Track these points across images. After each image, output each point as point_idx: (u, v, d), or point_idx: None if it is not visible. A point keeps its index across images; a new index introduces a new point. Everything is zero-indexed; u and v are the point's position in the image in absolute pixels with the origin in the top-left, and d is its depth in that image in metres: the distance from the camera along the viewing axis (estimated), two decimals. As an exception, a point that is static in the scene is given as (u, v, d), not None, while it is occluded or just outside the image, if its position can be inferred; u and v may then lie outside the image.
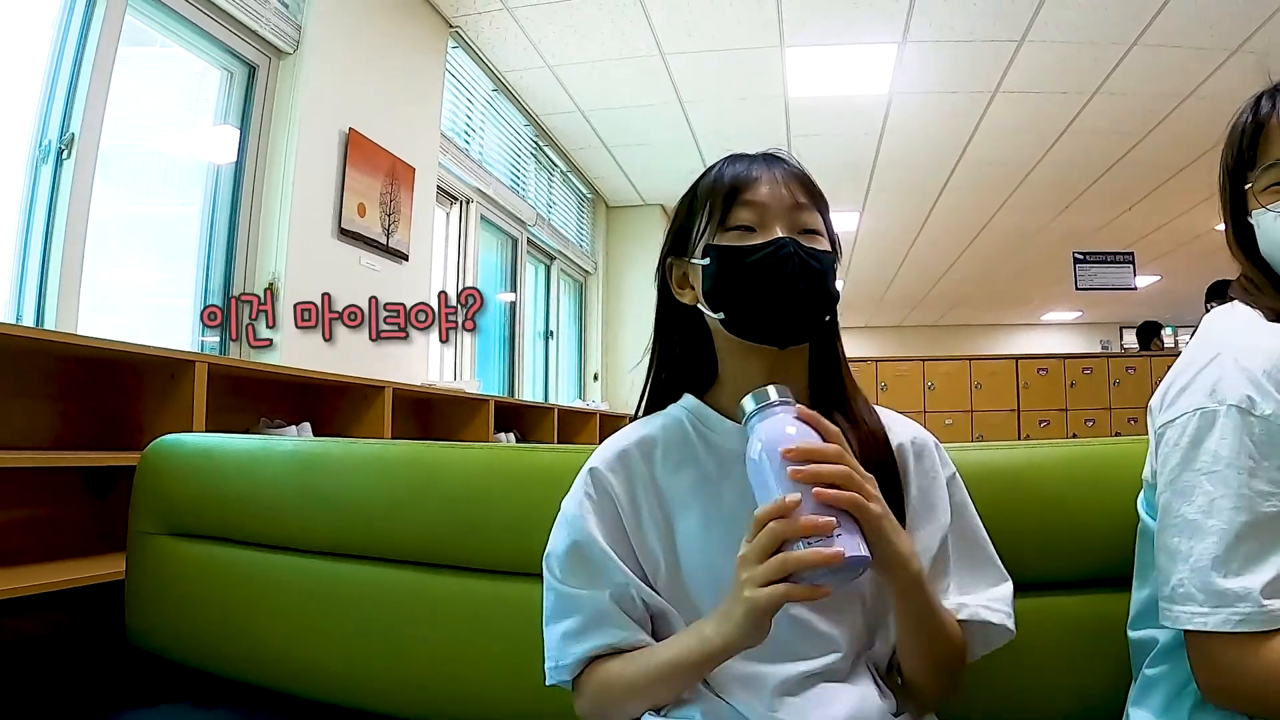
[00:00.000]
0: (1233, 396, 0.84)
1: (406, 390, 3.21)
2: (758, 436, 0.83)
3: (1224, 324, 0.95)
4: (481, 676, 1.23)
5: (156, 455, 1.55)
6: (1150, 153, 5.73)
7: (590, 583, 0.94)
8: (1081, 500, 1.11)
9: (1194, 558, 0.83)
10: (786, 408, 0.84)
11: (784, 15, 4.08)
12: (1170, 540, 0.86)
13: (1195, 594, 0.82)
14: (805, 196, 0.98)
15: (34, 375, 2.06)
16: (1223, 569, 0.81)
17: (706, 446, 0.99)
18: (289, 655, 1.37)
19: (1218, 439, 0.84)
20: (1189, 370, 0.90)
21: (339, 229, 3.33)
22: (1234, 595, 0.80)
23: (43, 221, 2.29)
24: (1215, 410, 0.85)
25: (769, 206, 0.96)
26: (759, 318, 0.95)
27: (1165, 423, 0.90)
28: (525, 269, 5.78)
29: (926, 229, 7.87)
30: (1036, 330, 13.38)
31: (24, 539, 2.00)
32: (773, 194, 0.97)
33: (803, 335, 0.97)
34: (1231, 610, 0.80)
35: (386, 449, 1.44)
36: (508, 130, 5.31)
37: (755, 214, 0.96)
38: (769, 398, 0.84)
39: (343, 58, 3.38)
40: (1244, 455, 0.82)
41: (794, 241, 0.94)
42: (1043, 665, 1.10)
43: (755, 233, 0.96)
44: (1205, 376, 0.87)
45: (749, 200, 0.97)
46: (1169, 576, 0.85)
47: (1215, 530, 0.82)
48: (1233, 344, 0.88)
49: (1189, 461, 0.86)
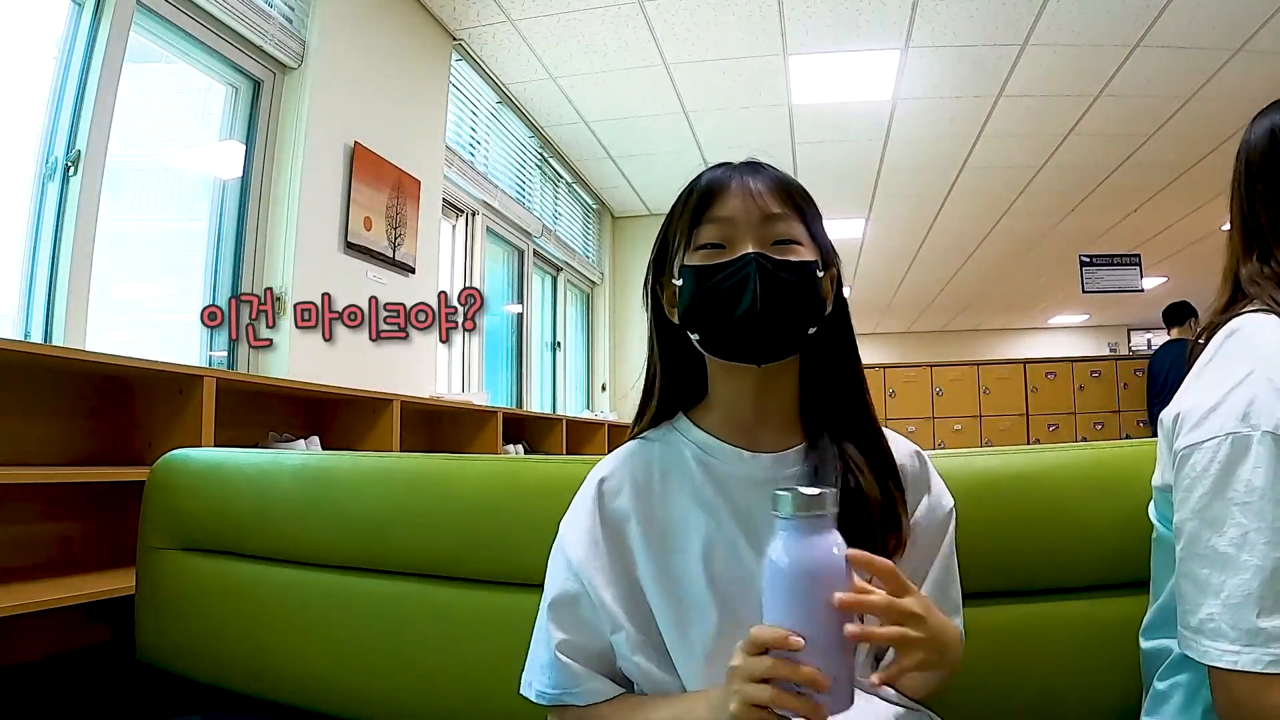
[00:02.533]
0: (1268, 422, 0.80)
1: (414, 403, 3.21)
2: (792, 548, 0.72)
3: (1257, 335, 0.89)
4: (493, 688, 1.22)
5: (166, 470, 1.56)
6: (1155, 154, 5.72)
7: (583, 634, 0.95)
8: (1091, 505, 1.10)
9: (1225, 593, 0.80)
10: (828, 528, 0.73)
11: (786, 23, 4.09)
12: (1199, 571, 0.83)
13: (1227, 631, 0.79)
14: (780, 205, 0.95)
15: (42, 392, 2.06)
16: (1257, 607, 0.78)
17: (705, 472, 0.97)
18: (300, 669, 1.37)
19: (1251, 468, 0.80)
20: (1218, 387, 0.86)
21: (345, 242, 3.34)
22: (1267, 635, 0.77)
23: (50, 238, 2.29)
24: (1249, 436, 0.81)
25: (736, 220, 0.94)
26: (727, 338, 0.93)
27: (1192, 444, 0.85)
28: (532, 280, 5.79)
29: (932, 234, 7.86)
30: (1044, 334, 13.34)
31: (33, 555, 2.00)
32: (742, 207, 0.94)
33: (776, 352, 0.93)
34: (1264, 650, 0.77)
35: (395, 462, 1.44)
36: (513, 142, 5.33)
37: (722, 230, 0.94)
38: (816, 508, 0.72)
39: (347, 72, 3.39)
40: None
41: (760, 257, 0.91)
42: (1052, 670, 1.09)
43: (724, 250, 0.93)
44: (1237, 397, 0.83)
45: (717, 216, 0.94)
46: (1196, 608, 0.83)
47: (1249, 566, 0.79)
48: (1268, 359, 0.84)
49: (1220, 490, 0.82)
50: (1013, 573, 1.11)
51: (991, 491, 1.12)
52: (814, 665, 0.69)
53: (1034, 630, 1.10)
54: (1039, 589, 1.11)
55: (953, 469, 1.07)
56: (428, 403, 3.46)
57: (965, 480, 1.06)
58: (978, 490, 1.09)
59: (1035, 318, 12.90)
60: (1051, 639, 1.09)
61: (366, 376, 3.06)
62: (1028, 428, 8.44)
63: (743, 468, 0.95)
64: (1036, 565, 1.11)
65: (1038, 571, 1.11)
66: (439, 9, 4.00)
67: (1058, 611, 1.10)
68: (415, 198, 3.81)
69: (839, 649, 0.71)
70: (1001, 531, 1.10)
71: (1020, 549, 1.10)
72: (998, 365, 8.83)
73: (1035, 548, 1.10)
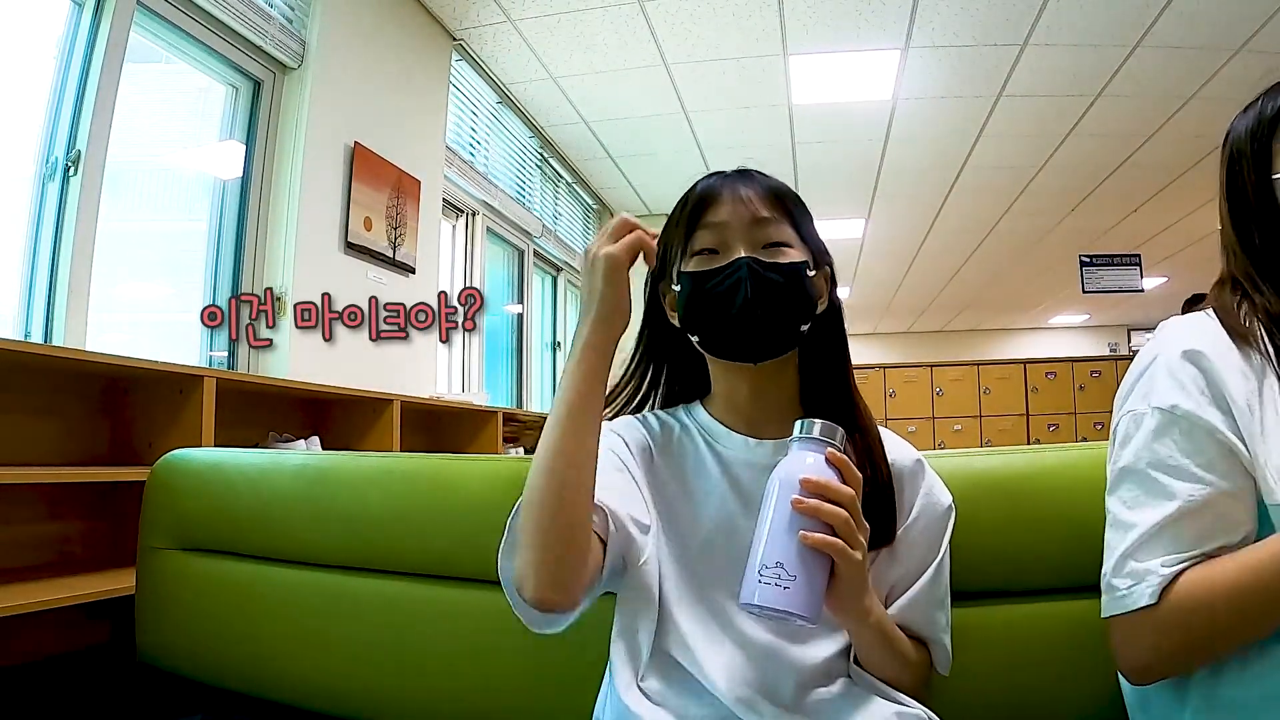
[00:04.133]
0: (1158, 399, 0.89)
1: (415, 403, 3.21)
2: (786, 460, 0.85)
3: (1167, 329, 0.96)
4: (495, 687, 1.23)
5: (166, 470, 1.55)
6: (1155, 154, 5.72)
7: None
8: (1091, 505, 1.09)
9: (1113, 551, 0.88)
10: (821, 445, 0.85)
11: (787, 23, 4.09)
12: (1105, 536, 0.91)
13: (1113, 583, 0.87)
14: (769, 209, 1.00)
15: (42, 392, 2.06)
16: (1134, 556, 0.86)
17: (711, 451, 1.03)
18: (300, 669, 1.37)
19: (1140, 439, 0.89)
20: (1131, 377, 0.95)
21: (345, 243, 3.34)
22: (1142, 572, 0.84)
23: (50, 238, 2.30)
24: (1143, 413, 0.90)
25: (729, 225, 0.99)
26: (723, 340, 0.99)
27: (1112, 427, 0.95)
28: (532, 280, 5.79)
29: (932, 234, 7.86)
30: (1044, 334, 13.34)
31: (34, 555, 2.00)
32: (734, 212, 0.99)
33: (770, 351, 0.98)
34: (1143, 585, 0.84)
35: (396, 462, 1.44)
36: (513, 142, 5.33)
37: (716, 235, 0.99)
38: (811, 431, 0.85)
39: (347, 72, 3.39)
40: (1166, 454, 0.86)
41: (751, 261, 0.96)
42: (1052, 670, 1.09)
43: (718, 255, 0.99)
44: (1142, 381, 0.93)
45: (710, 222, 1.00)
46: (1102, 572, 0.91)
47: (1136, 523, 0.87)
48: (1167, 345, 0.92)
49: (1117, 461, 0.92)
50: (1013, 573, 1.11)
51: (991, 491, 1.11)
52: (778, 559, 0.80)
53: (1034, 630, 1.10)
54: (1039, 589, 1.11)
55: (953, 469, 1.07)
56: (428, 403, 3.46)
57: (965, 480, 1.06)
58: (978, 490, 1.09)
59: (1035, 318, 12.90)
60: (1051, 639, 1.09)
61: (366, 376, 3.06)
62: (1028, 428, 8.45)
63: (747, 453, 1.01)
64: (1036, 565, 1.11)
65: (1038, 571, 1.11)
66: (439, 9, 4.00)
67: (1057, 611, 1.10)
68: (415, 198, 3.81)
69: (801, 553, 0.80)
70: (1001, 531, 1.09)
71: (1020, 549, 1.10)
72: (998, 365, 8.85)
73: (1035, 548, 1.10)
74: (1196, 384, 0.87)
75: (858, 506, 0.82)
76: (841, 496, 0.81)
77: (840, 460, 0.84)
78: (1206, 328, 0.93)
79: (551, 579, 0.86)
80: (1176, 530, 0.84)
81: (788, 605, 0.79)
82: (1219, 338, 0.91)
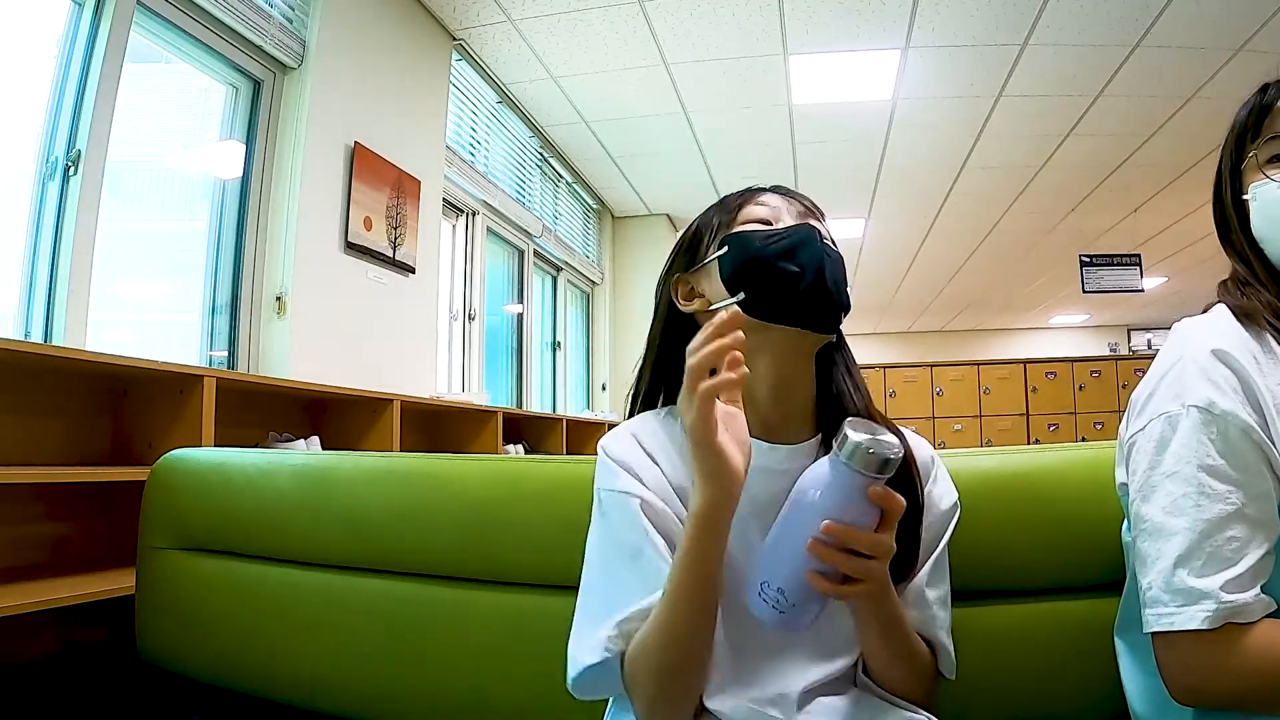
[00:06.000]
0: (1193, 398, 0.85)
1: (415, 403, 3.21)
2: (816, 472, 0.80)
3: (1187, 327, 0.94)
4: (494, 688, 1.23)
5: (166, 470, 1.56)
6: (1155, 154, 5.72)
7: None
8: (1091, 505, 1.10)
9: (1161, 560, 0.84)
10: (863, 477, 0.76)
11: (787, 23, 4.09)
12: (1142, 546, 0.87)
13: (1162, 596, 0.83)
14: (815, 211, 1.02)
15: (42, 391, 2.06)
16: (1186, 567, 0.82)
17: None
18: (300, 669, 1.37)
19: (1180, 441, 0.85)
20: (1154, 378, 0.91)
21: (346, 243, 3.34)
22: (1198, 593, 0.80)
23: (50, 238, 2.30)
24: (1178, 414, 0.86)
25: (781, 209, 0.99)
26: (790, 293, 0.92)
27: (1136, 431, 0.90)
28: (532, 280, 5.79)
29: (932, 234, 7.86)
30: (1044, 334, 13.35)
31: (34, 555, 2.00)
32: (783, 202, 1.00)
33: (830, 320, 0.94)
34: (1197, 608, 0.80)
35: (396, 462, 1.44)
36: (513, 142, 5.33)
37: (769, 212, 0.99)
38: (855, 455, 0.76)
39: (347, 72, 3.39)
40: (1204, 454, 0.83)
41: (821, 232, 0.96)
42: (1052, 670, 1.10)
43: (771, 226, 0.98)
44: (1169, 381, 0.89)
45: (761, 203, 1.00)
46: (1143, 583, 0.86)
47: (1179, 530, 0.83)
48: (1193, 344, 0.89)
49: (1154, 466, 0.87)
50: (1013, 573, 1.11)
51: (991, 491, 1.12)
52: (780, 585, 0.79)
53: (1034, 630, 1.10)
54: (1039, 589, 1.11)
55: (953, 469, 1.07)
56: (428, 403, 3.46)
57: (965, 480, 1.06)
58: (978, 490, 1.09)
59: (1035, 318, 12.90)
60: (1051, 639, 1.09)
61: (366, 376, 3.06)
62: (1028, 428, 8.45)
63: (761, 459, 0.93)
64: (1036, 565, 1.11)
65: (1038, 571, 1.11)
66: (439, 9, 4.00)
67: (1057, 611, 1.10)
68: (415, 197, 3.81)
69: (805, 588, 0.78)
70: (1001, 531, 1.10)
71: (1020, 549, 1.10)
72: (998, 365, 8.85)
73: (1035, 548, 1.10)
74: (1230, 383, 0.85)
75: (889, 552, 0.79)
76: (875, 549, 0.77)
77: (883, 498, 0.77)
78: (1225, 325, 0.92)
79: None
80: (1224, 538, 0.81)
81: (780, 628, 0.80)
82: (1241, 335, 0.90)
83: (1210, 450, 0.83)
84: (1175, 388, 0.87)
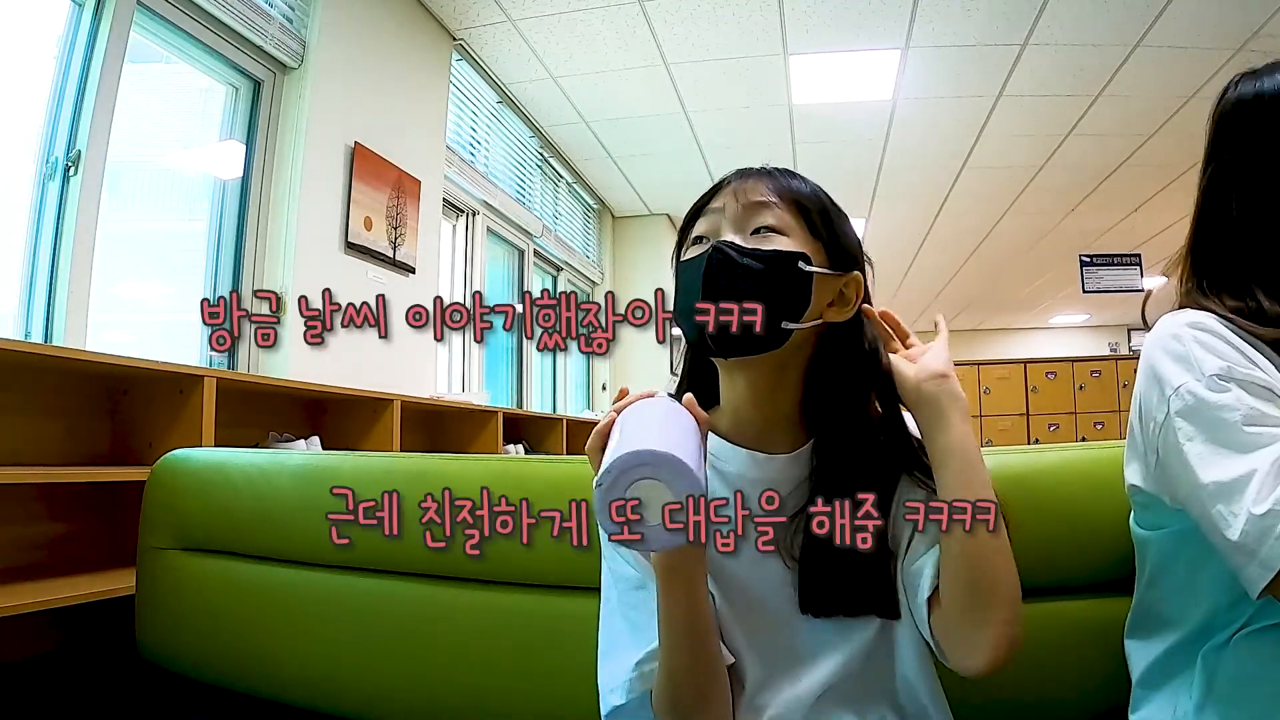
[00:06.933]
0: (1210, 367, 0.82)
1: (415, 403, 3.21)
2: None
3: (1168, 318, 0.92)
4: (494, 687, 1.23)
5: (166, 470, 1.56)
6: (1155, 154, 5.72)
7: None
8: (1091, 505, 1.10)
9: (1241, 515, 0.75)
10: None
11: (787, 23, 4.09)
12: (1215, 511, 0.79)
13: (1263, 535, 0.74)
14: (770, 194, 0.92)
15: (43, 391, 2.06)
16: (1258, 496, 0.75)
17: (718, 473, 0.94)
18: (301, 669, 1.37)
19: (1215, 402, 0.81)
20: (1151, 369, 0.89)
21: (346, 243, 3.34)
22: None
23: (50, 238, 2.29)
24: (1196, 387, 0.82)
25: (723, 210, 0.93)
26: (687, 331, 0.91)
27: (1161, 423, 0.86)
28: (532, 280, 5.79)
29: (932, 234, 7.85)
30: (1045, 334, 13.34)
31: (34, 555, 2.00)
32: (731, 196, 0.93)
33: (738, 346, 0.88)
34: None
35: (396, 461, 1.44)
36: (513, 142, 5.33)
37: (710, 223, 0.94)
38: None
39: (347, 72, 3.39)
40: (1242, 411, 0.79)
41: (726, 246, 0.88)
42: (1051, 670, 1.09)
43: (706, 242, 0.92)
44: (1171, 364, 0.86)
45: (709, 209, 0.95)
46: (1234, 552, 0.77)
47: (1245, 481, 0.76)
48: (1179, 326, 0.88)
49: (1194, 439, 0.82)
50: (1013, 572, 1.11)
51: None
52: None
53: (1033, 630, 1.09)
54: (1039, 589, 1.11)
55: (953, 469, 1.07)
56: (428, 403, 3.46)
57: (965, 480, 1.06)
58: (978, 490, 1.09)
59: (1036, 318, 12.90)
60: (1050, 639, 1.09)
61: (366, 376, 3.06)
62: (1028, 428, 8.45)
63: (757, 471, 0.92)
64: (1036, 565, 1.10)
65: (1038, 571, 1.10)
66: (439, 9, 4.00)
67: (1057, 611, 1.10)
68: (415, 197, 3.81)
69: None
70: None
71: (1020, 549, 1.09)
72: (998, 365, 8.84)
73: (1035, 548, 1.10)
74: (1233, 346, 0.84)
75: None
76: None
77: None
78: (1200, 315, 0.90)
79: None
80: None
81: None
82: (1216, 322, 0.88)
83: (1245, 407, 0.79)
84: (1180, 365, 0.85)
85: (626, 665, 0.88)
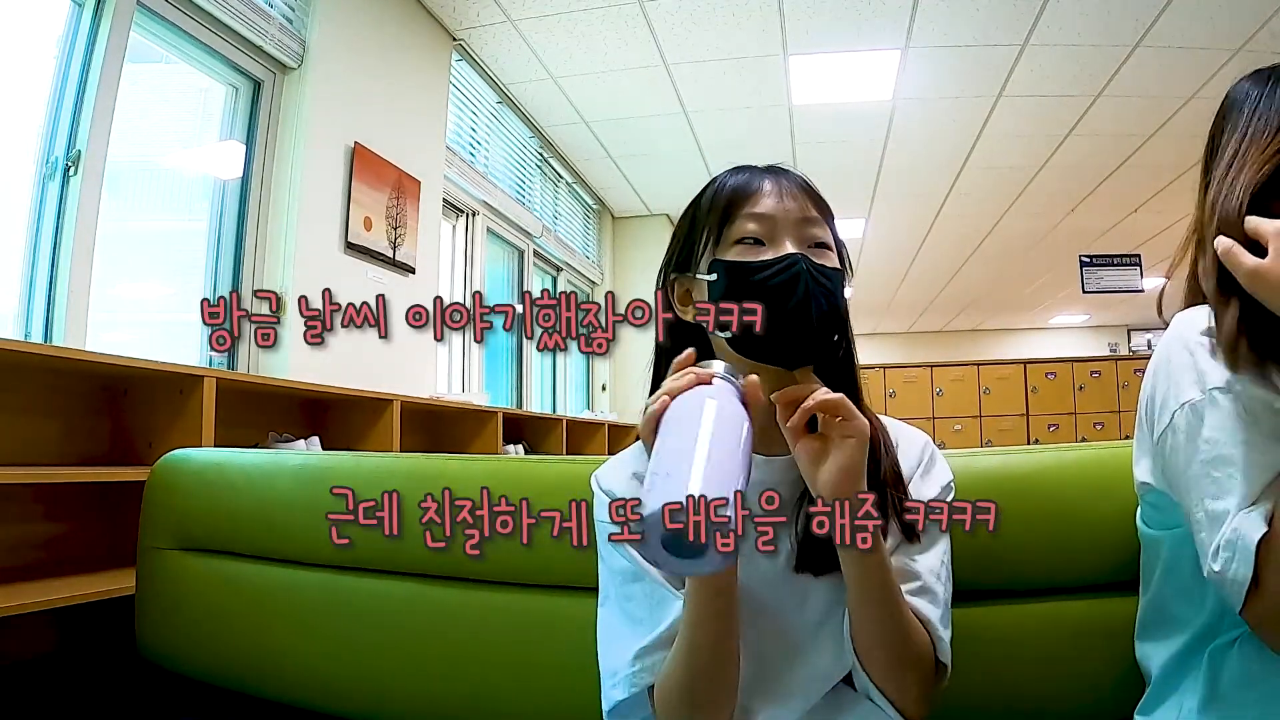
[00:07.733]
0: (1214, 380, 0.83)
1: (415, 403, 3.21)
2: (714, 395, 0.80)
3: (1186, 319, 0.92)
4: (493, 687, 1.23)
5: (166, 470, 1.56)
6: (1156, 154, 5.72)
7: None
8: (1091, 505, 1.10)
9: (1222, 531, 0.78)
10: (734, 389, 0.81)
11: (787, 23, 4.09)
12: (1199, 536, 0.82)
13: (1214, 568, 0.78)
14: (814, 209, 0.94)
15: (43, 392, 2.06)
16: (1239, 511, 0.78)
17: None
18: (300, 668, 1.37)
19: (1211, 425, 0.82)
20: (1159, 371, 0.90)
21: (346, 243, 3.34)
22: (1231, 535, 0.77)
23: (50, 238, 2.29)
24: (1201, 400, 0.83)
25: (776, 219, 0.92)
26: (768, 338, 0.89)
27: (1163, 430, 0.87)
28: (532, 280, 5.79)
29: (932, 234, 7.85)
30: (1044, 334, 13.34)
31: (33, 555, 2.00)
32: (780, 206, 0.93)
33: (812, 356, 0.92)
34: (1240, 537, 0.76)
35: (396, 461, 1.45)
36: (513, 142, 5.33)
37: (763, 227, 0.92)
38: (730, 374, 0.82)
39: (347, 72, 3.39)
40: (1240, 431, 0.80)
41: (805, 258, 0.90)
42: (1051, 670, 1.09)
43: (764, 247, 0.92)
44: (1180, 371, 0.86)
45: (755, 213, 0.93)
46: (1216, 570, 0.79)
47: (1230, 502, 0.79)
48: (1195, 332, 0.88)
49: (1192, 456, 0.83)
50: (1012, 573, 1.11)
51: (991, 491, 1.11)
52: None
53: (1033, 630, 1.10)
54: (1038, 589, 1.11)
55: (953, 469, 1.07)
56: (428, 403, 3.46)
57: (965, 480, 1.06)
58: (978, 490, 1.09)
59: (1035, 318, 12.90)
60: (1050, 639, 1.09)
61: (366, 376, 3.06)
62: (1028, 428, 8.45)
63: (758, 473, 0.90)
64: (1036, 565, 1.11)
65: (1037, 571, 1.11)
66: (439, 9, 4.00)
67: (1056, 611, 1.10)
68: (415, 198, 3.81)
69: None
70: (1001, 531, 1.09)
71: (1020, 549, 1.10)
72: (998, 365, 8.84)
73: (1035, 548, 1.10)
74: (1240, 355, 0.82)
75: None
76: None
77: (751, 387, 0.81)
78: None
79: None
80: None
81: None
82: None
83: (1244, 425, 0.80)
84: (1189, 375, 0.85)
85: (625, 658, 0.88)
